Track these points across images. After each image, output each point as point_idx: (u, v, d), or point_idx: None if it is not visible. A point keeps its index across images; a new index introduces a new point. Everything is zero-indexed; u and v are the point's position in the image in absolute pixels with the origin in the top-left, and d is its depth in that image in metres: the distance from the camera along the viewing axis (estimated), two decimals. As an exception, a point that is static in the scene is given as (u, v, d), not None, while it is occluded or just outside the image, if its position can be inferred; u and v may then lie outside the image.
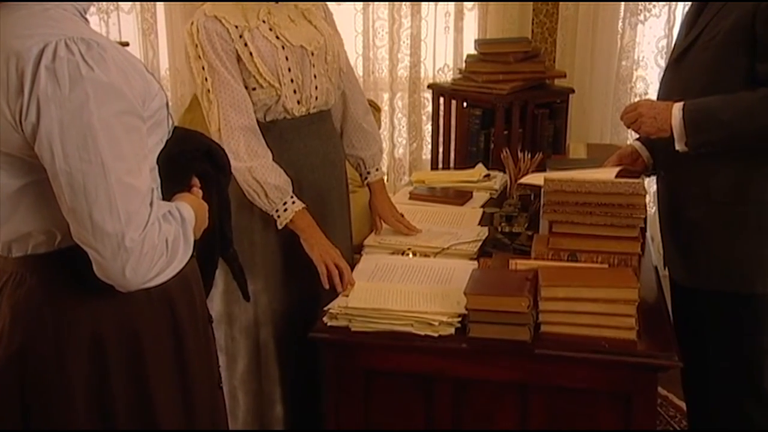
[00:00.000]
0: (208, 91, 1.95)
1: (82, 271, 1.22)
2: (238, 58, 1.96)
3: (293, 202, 1.98)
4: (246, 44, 1.96)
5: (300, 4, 2.08)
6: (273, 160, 1.99)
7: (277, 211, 1.98)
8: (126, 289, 1.22)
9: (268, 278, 2.09)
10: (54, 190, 1.19)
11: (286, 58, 2.00)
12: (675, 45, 2.06)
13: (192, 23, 1.96)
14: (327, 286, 1.94)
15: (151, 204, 1.22)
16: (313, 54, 2.05)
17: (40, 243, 1.28)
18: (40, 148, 1.16)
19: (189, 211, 1.33)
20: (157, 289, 1.28)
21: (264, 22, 1.99)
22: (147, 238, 1.20)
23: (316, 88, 2.07)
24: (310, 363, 2.10)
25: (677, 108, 1.83)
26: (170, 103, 1.43)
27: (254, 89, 1.99)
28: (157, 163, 1.34)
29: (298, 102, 2.04)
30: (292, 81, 2.01)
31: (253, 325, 2.11)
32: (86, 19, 1.29)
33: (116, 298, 1.27)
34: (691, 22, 1.94)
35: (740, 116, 1.77)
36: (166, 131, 1.35)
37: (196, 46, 1.94)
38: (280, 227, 1.99)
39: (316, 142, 2.12)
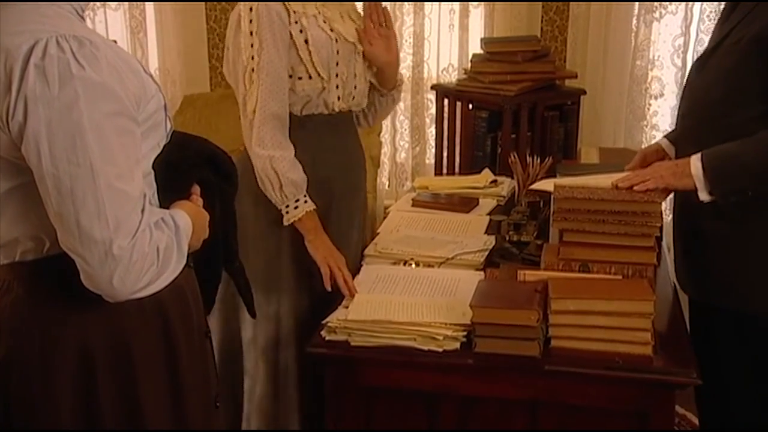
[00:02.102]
0: (252, 70, 1.97)
1: (71, 280, 1.22)
2: (291, 44, 2.00)
3: (305, 201, 2.03)
4: (301, 30, 2.01)
5: (345, 3, 2.16)
6: (306, 156, 2.05)
7: (287, 206, 2.03)
8: (114, 299, 1.22)
9: (293, 299, 2.12)
10: (41, 194, 1.19)
11: (337, 52, 2.06)
12: (708, 43, 2.05)
13: None
14: (329, 288, 2.00)
15: (142, 210, 1.22)
16: (358, 52, 2.12)
17: (28, 249, 1.28)
18: (27, 149, 1.17)
19: (185, 219, 1.33)
20: (149, 300, 1.28)
21: (319, 12, 2.05)
22: (137, 246, 1.20)
23: (355, 87, 2.14)
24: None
25: (695, 158, 1.81)
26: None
27: (300, 78, 2.03)
28: (156, 169, 1.35)
29: (339, 98, 2.10)
30: (337, 76, 2.07)
31: (274, 347, 2.13)
32: (82, 18, 1.30)
33: (106, 309, 1.27)
34: (722, 19, 1.94)
35: (764, 158, 1.75)
36: (164, 135, 1.35)
37: (251, 21, 1.96)
38: (285, 223, 2.04)
39: (348, 141, 2.21)
